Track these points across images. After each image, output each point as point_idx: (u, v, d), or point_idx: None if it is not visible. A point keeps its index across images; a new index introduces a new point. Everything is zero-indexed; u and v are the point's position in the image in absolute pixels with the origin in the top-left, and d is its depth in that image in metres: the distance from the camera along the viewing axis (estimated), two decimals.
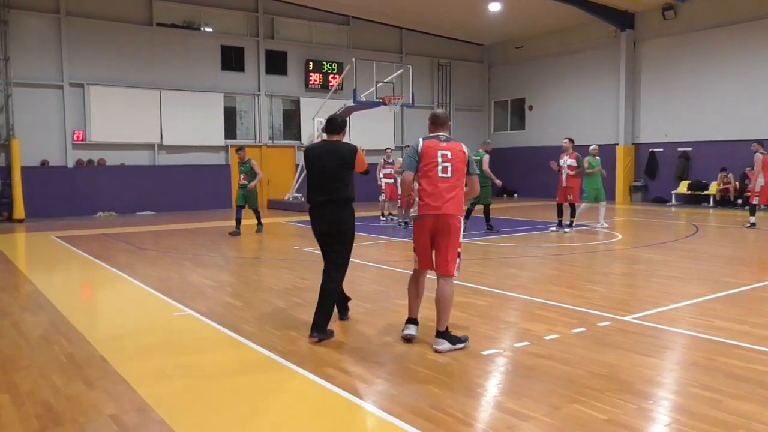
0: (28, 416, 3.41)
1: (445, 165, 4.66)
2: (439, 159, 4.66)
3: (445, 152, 4.69)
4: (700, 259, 8.70)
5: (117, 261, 8.99)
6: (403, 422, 3.23)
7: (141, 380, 3.95)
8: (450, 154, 4.69)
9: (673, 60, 19.37)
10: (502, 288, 6.67)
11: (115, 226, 14.37)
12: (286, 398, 3.70)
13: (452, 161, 4.67)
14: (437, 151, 4.67)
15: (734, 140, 17.81)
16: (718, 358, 4.24)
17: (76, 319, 5.57)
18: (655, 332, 4.94)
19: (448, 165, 4.66)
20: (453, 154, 4.69)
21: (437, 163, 4.65)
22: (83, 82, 17.35)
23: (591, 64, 21.66)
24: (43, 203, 16.59)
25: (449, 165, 4.66)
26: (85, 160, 17.49)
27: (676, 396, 3.62)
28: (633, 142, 20.70)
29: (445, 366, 4.15)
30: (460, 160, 4.70)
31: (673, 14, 19.00)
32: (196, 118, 18.88)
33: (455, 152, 4.70)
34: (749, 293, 6.34)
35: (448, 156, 4.68)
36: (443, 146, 4.71)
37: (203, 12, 19.36)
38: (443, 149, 4.69)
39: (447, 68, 24.44)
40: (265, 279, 7.50)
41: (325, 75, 21.21)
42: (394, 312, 5.71)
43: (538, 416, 3.30)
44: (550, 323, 5.19)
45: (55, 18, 17.02)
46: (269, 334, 4.98)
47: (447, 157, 4.68)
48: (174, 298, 6.41)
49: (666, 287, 6.71)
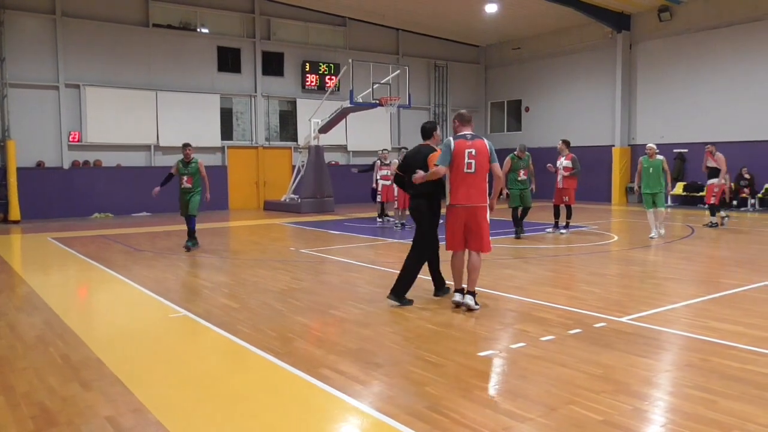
0: (24, 418, 3.40)
1: (469, 161, 5.60)
2: (466, 157, 5.60)
3: (471, 150, 5.63)
4: (695, 261, 8.73)
5: (113, 262, 8.97)
6: (400, 423, 3.24)
7: (137, 382, 3.94)
8: (474, 151, 5.63)
9: (668, 61, 19.45)
10: (498, 289, 6.68)
11: (111, 227, 14.34)
12: (282, 399, 3.70)
13: (476, 158, 5.62)
14: (464, 150, 5.60)
15: (729, 141, 17.89)
16: (713, 358, 4.26)
17: (72, 321, 5.56)
18: (651, 333, 4.95)
19: (472, 162, 5.61)
20: (478, 150, 5.64)
21: (464, 160, 5.61)
22: (79, 83, 17.32)
23: (587, 66, 21.72)
24: (39, 204, 16.55)
25: (473, 162, 5.61)
26: (81, 161, 17.45)
27: (671, 397, 3.63)
28: (629, 144, 20.77)
29: (441, 367, 4.15)
30: (485, 156, 5.68)
31: (668, 16, 19.08)
32: (192, 119, 18.86)
33: (481, 148, 5.67)
34: (744, 294, 6.37)
35: (473, 153, 5.62)
36: (469, 144, 5.64)
37: (200, 13, 19.34)
38: (469, 147, 5.63)
39: (443, 69, 24.48)
40: (262, 280, 7.50)
41: (321, 76, 21.21)
42: (390, 313, 5.72)
43: (534, 417, 3.31)
44: (547, 324, 5.20)
45: (51, 19, 16.98)
46: (265, 336, 4.98)
47: (472, 154, 5.62)
48: (170, 299, 6.40)
49: (661, 288, 6.73)
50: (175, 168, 10.01)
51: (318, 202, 17.82)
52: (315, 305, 6.13)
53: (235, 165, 20.09)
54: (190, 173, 9.92)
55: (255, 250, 10.44)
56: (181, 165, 9.97)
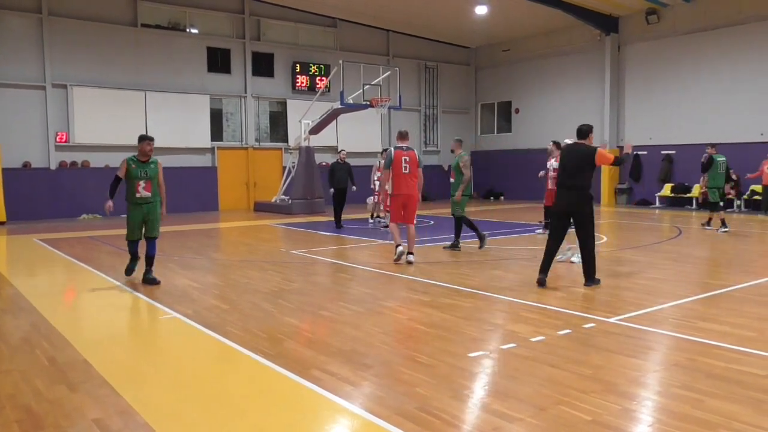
0: (8, 421, 3.36)
1: (405, 165, 8.41)
2: (402, 162, 8.40)
3: (405, 157, 8.44)
4: (682, 261, 8.81)
5: (101, 263, 8.89)
6: (390, 424, 3.24)
7: (125, 383, 3.91)
8: (408, 158, 8.44)
9: (656, 63, 19.62)
10: (488, 290, 6.70)
11: (99, 228, 14.21)
12: (272, 401, 3.69)
13: (410, 163, 8.43)
14: (401, 157, 8.40)
15: (717, 143, 18.05)
16: (700, 358, 4.30)
17: (59, 322, 5.50)
18: (639, 333, 4.99)
19: (407, 166, 8.43)
20: (411, 158, 8.46)
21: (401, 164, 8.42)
22: (66, 83, 17.16)
23: (576, 67, 21.87)
24: (25, 205, 16.37)
25: (408, 166, 8.42)
26: (68, 161, 17.29)
27: (659, 396, 3.66)
28: (617, 145, 20.91)
29: (431, 368, 4.16)
30: (414, 162, 8.50)
31: (656, 18, 19.26)
32: (181, 119, 18.76)
33: (412, 157, 8.50)
34: (730, 294, 6.44)
35: (407, 160, 8.43)
36: (404, 153, 8.46)
37: (189, 13, 19.24)
38: (404, 155, 8.44)
39: (434, 71, 24.54)
40: (252, 281, 7.46)
41: (312, 77, 21.18)
42: (381, 314, 5.72)
43: (524, 417, 3.32)
44: (536, 325, 5.23)
45: (38, 18, 16.82)
46: (255, 337, 4.96)
47: (406, 160, 8.42)
48: (160, 301, 6.35)
49: (649, 289, 6.78)
50: (124, 169, 7.24)
51: (308, 204, 17.78)
52: (305, 306, 6.11)
53: (225, 166, 20.00)
54: (149, 177, 7.29)
55: (245, 251, 10.40)
56: (135, 165, 7.26)
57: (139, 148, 7.32)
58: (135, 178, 7.24)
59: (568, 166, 6.77)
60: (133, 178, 7.24)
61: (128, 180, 7.27)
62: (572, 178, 6.70)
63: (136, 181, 7.25)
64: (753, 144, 17.20)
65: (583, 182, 6.70)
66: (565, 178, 6.78)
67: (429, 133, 24.64)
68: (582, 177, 6.69)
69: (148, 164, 7.34)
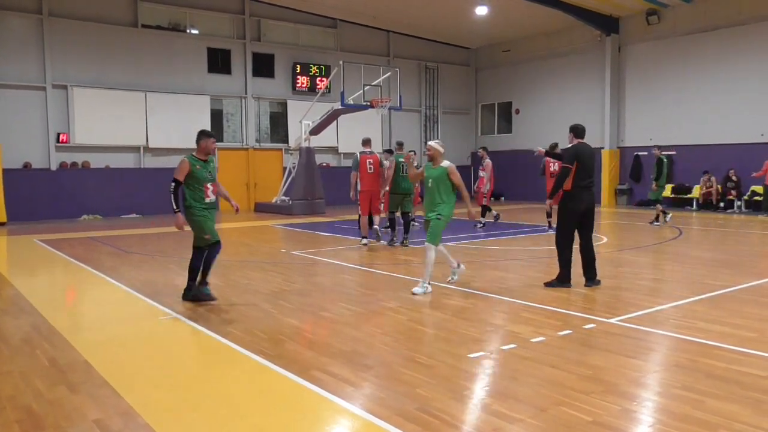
0: (9, 422, 3.36)
1: (369, 167, 10.42)
2: (367, 164, 10.41)
3: (369, 159, 10.48)
4: (683, 262, 8.81)
5: (102, 264, 8.89)
6: (390, 425, 3.24)
7: (125, 384, 3.91)
8: (372, 161, 10.48)
9: (657, 64, 19.62)
10: (488, 291, 6.70)
11: (99, 229, 14.22)
12: (272, 401, 3.69)
13: (373, 164, 10.43)
14: (366, 160, 10.43)
15: (717, 144, 18.10)
16: (700, 359, 4.30)
17: (59, 323, 5.51)
18: (639, 334, 4.99)
19: (372, 167, 10.44)
20: (374, 160, 10.48)
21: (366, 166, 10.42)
22: (67, 84, 17.17)
23: (577, 68, 21.87)
24: (26, 206, 16.37)
25: (372, 167, 10.44)
26: (69, 162, 17.29)
27: (659, 397, 3.66)
28: (618, 146, 20.92)
29: (431, 368, 4.16)
30: (377, 163, 10.52)
31: (656, 19, 19.26)
32: (182, 120, 18.74)
33: (375, 159, 10.52)
34: (730, 295, 6.43)
35: (371, 162, 10.46)
36: (368, 157, 10.47)
37: (189, 14, 19.26)
38: (369, 158, 10.45)
39: (434, 71, 24.54)
40: (252, 282, 7.47)
41: (312, 78, 21.18)
42: (381, 314, 5.72)
43: (524, 418, 3.32)
44: (537, 326, 5.23)
45: (38, 18, 16.83)
46: (256, 338, 4.96)
47: (370, 162, 10.45)
48: (160, 301, 6.35)
49: (650, 290, 6.79)
50: (188, 170, 6.14)
51: (309, 204, 17.78)
52: (306, 307, 6.12)
53: (225, 167, 19.94)
54: (214, 178, 6.32)
55: (245, 252, 10.41)
56: (200, 166, 6.20)
57: (200, 146, 6.22)
58: (202, 180, 6.18)
59: (588, 165, 6.85)
60: (201, 180, 6.17)
61: (191, 182, 6.17)
62: (590, 177, 6.85)
63: (203, 183, 6.19)
64: (753, 144, 17.21)
65: (594, 181, 6.99)
66: (584, 177, 6.80)
67: (429, 134, 24.62)
68: (593, 175, 6.93)
69: (209, 163, 6.32)
